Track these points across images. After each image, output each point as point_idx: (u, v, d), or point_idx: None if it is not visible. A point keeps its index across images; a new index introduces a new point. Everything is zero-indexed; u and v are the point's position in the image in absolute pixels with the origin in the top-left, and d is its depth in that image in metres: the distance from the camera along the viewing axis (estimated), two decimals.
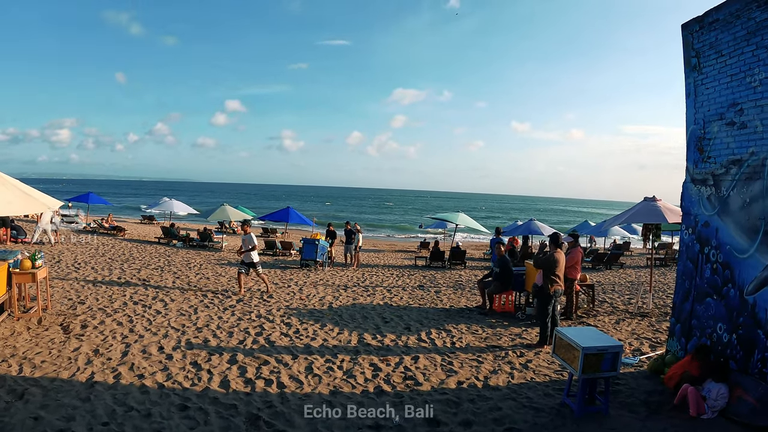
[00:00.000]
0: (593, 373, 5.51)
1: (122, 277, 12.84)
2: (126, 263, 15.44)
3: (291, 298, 11.47)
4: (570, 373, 5.92)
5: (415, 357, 7.48)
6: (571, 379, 5.98)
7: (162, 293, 11.07)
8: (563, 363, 5.90)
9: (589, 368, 5.47)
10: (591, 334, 6.04)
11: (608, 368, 5.55)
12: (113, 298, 10.23)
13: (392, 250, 33.88)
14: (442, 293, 13.50)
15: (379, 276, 16.98)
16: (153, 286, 11.89)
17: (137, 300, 10.23)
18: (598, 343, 5.57)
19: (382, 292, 13.18)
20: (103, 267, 14.18)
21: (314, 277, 15.38)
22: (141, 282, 12.33)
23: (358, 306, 11.07)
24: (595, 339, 5.75)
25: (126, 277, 12.88)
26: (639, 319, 10.67)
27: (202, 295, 11.21)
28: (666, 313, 11.19)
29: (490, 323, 9.97)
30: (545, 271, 8.45)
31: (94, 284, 11.55)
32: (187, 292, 11.42)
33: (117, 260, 15.91)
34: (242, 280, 11.72)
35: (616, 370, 5.60)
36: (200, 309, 9.78)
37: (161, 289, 11.55)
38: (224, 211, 24.51)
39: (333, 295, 12.33)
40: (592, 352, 5.43)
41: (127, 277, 12.89)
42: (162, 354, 7.01)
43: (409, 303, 11.81)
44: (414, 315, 10.39)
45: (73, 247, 18.35)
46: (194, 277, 13.73)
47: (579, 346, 5.46)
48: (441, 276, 17.52)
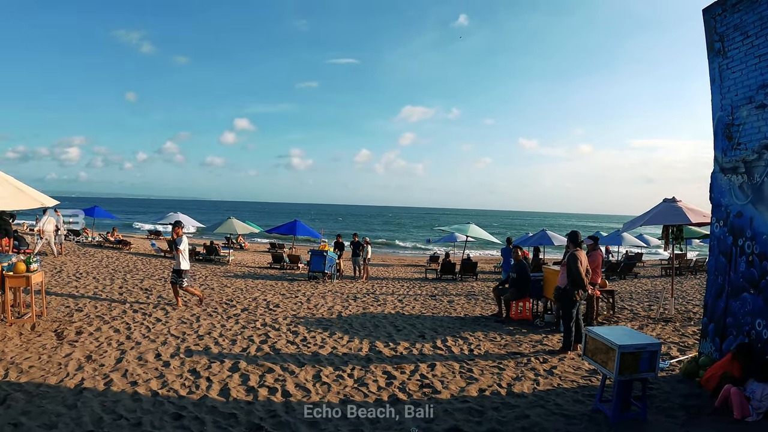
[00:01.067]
0: (630, 374, 4.98)
1: (124, 286, 12.41)
2: (129, 274, 15.03)
3: (298, 308, 10.98)
4: (603, 376, 5.39)
5: (432, 364, 6.96)
6: (604, 382, 5.45)
7: (164, 302, 10.61)
8: (596, 365, 5.37)
9: (626, 369, 4.94)
10: (625, 332, 5.51)
11: (646, 368, 5.02)
12: (112, 306, 9.80)
13: (401, 265, 33.37)
14: (455, 302, 12.98)
15: (390, 287, 16.49)
16: (155, 295, 11.44)
17: (137, 308, 9.78)
18: (635, 341, 5.05)
19: (393, 302, 12.67)
20: (105, 277, 13.76)
21: (322, 289, 14.90)
22: (143, 291, 11.89)
23: (369, 315, 10.57)
24: (631, 337, 5.23)
25: (128, 286, 12.44)
26: (663, 324, 10.11)
27: (206, 304, 10.74)
28: (689, 318, 10.74)
29: (509, 330, 9.45)
30: (568, 273, 7.94)
31: (94, 293, 11.12)
32: (189, 301, 10.96)
33: (120, 271, 15.51)
34: (176, 290, 10.46)
35: (654, 370, 5.06)
36: (203, 317, 9.31)
37: (163, 298, 11.10)
38: (230, 224, 24.11)
39: (342, 304, 11.83)
40: (629, 350, 4.91)
41: (129, 286, 12.45)
42: (159, 361, 6.53)
43: (422, 312, 11.30)
44: (428, 323, 9.87)
45: (77, 259, 17.96)
46: (198, 288, 13.27)
47: (614, 344, 4.94)
48: (453, 287, 17.02)
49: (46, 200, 7.44)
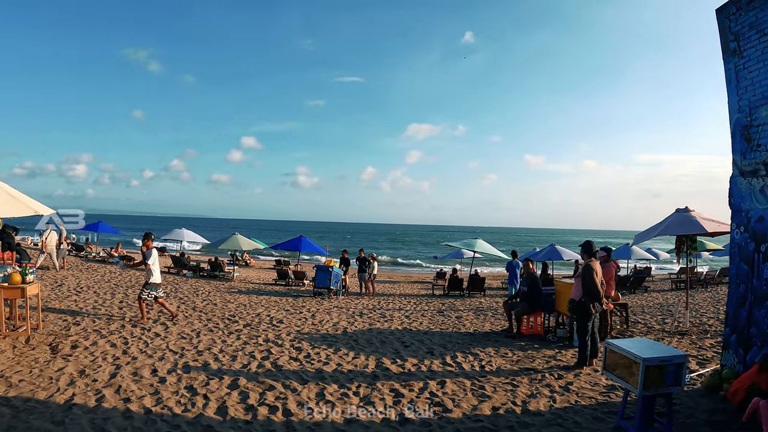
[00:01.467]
0: (656, 388, 4.65)
1: (124, 301, 12.14)
2: (130, 289, 14.75)
3: (303, 324, 10.67)
4: (625, 391, 5.07)
5: (442, 382, 6.62)
6: (626, 398, 5.11)
7: (164, 317, 10.32)
8: (617, 380, 5.04)
9: (651, 383, 4.62)
10: (647, 344, 5.19)
11: (671, 382, 4.71)
12: (111, 320, 9.52)
13: (408, 281, 33.01)
14: (463, 318, 12.64)
15: (396, 303, 16.17)
16: (155, 310, 11.15)
17: (137, 323, 9.50)
18: (660, 354, 4.73)
19: (400, 318, 12.34)
20: (105, 291, 13.50)
21: (328, 305, 14.58)
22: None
23: (375, 331, 10.24)
24: (654, 349, 4.92)
25: (128, 301, 12.17)
26: (678, 337, 9.76)
27: (207, 319, 10.46)
28: (705, 330, 10.48)
29: (520, 346, 9.10)
30: (584, 284, 7.62)
31: (94, 307, 10.86)
32: (191, 316, 10.68)
33: (122, 286, 15.24)
34: (142, 304, 9.91)
35: (680, 384, 4.75)
36: (203, 333, 9.01)
37: (164, 313, 10.81)
38: (235, 240, 23.88)
39: (348, 320, 11.51)
40: (654, 363, 4.59)
41: (130, 301, 12.17)
42: (155, 377, 6.23)
43: (430, 328, 10.96)
44: (436, 339, 9.53)
45: (79, 274, 17.73)
46: (201, 303, 13.00)
47: (638, 357, 4.62)
48: (460, 303, 16.67)
49: (40, 208, 7.22)
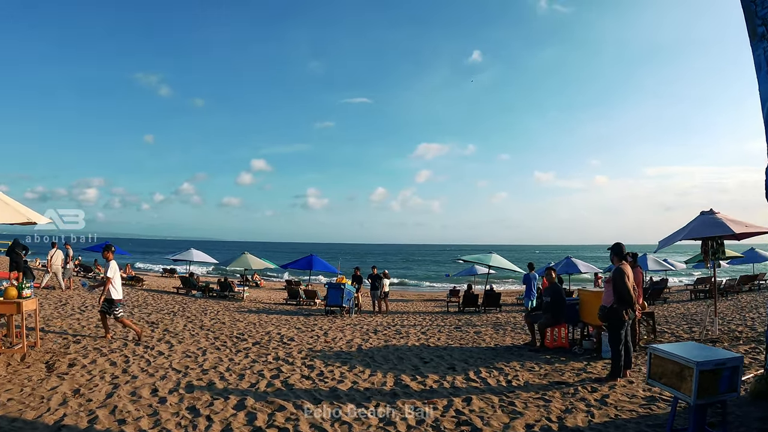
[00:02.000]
0: (710, 396, 4.11)
1: (129, 319, 11.69)
2: (137, 308, 14.34)
3: (315, 342, 10.15)
4: (674, 400, 4.52)
5: (467, 398, 6.08)
6: (675, 408, 4.56)
7: (169, 335, 9.87)
8: (666, 388, 4.48)
9: (705, 390, 4.08)
10: (696, 348, 4.66)
11: (726, 389, 4.17)
12: (114, 339, 9.07)
13: (420, 300, 32.48)
14: (482, 333, 12.07)
15: (411, 320, 15.64)
16: (161, 328, 10.71)
17: (140, 341, 9.05)
18: (713, 357, 4.20)
19: (416, 334, 11.79)
20: None
21: (340, 323, 14.06)
22: (149, 324, 11.16)
23: (392, 347, 9.70)
24: (705, 353, 4.38)
25: (133, 319, 11.72)
26: (710, 344, 9.14)
27: (214, 337, 9.98)
28: (736, 337, 9.93)
29: (546, 359, 8.54)
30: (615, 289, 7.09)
31: (97, 326, 10.40)
32: (198, 335, 10.20)
33: (128, 305, 14.80)
34: (106, 320, 9.27)
35: (736, 390, 4.20)
36: (210, 351, 8.53)
37: (169, 332, 10.35)
38: (245, 259, 23.46)
39: (362, 337, 10.98)
40: (709, 368, 4.06)
41: (135, 319, 11.72)
42: (154, 397, 5.74)
43: (449, 343, 10.40)
44: (456, 354, 8.97)
45: (85, 293, 17.34)
46: (209, 321, 12.53)
47: (691, 362, 4.08)
48: (477, 319, 16.10)
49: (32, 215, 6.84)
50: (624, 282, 7.06)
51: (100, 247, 27.84)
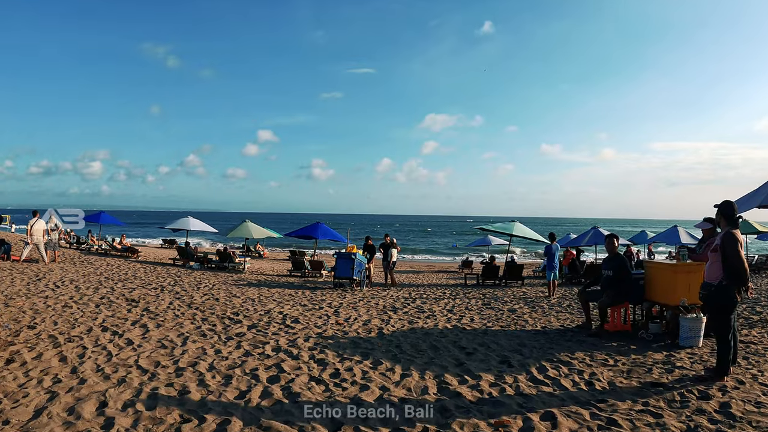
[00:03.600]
0: None
1: (107, 296, 9.96)
2: (122, 282, 12.60)
3: (324, 324, 8.35)
4: None
5: (548, 414, 4.26)
6: None
7: (148, 317, 8.12)
8: None
9: None
10: None
11: None
12: (78, 322, 7.34)
13: (431, 271, 30.94)
14: (518, 311, 10.29)
15: (429, 294, 13.90)
16: (140, 308, 8.96)
17: (110, 325, 7.29)
18: None
19: (443, 312, 10.01)
20: (89, 286, 11.31)
21: (351, 298, 12.30)
22: (128, 303, 9.42)
23: (420, 331, 7.91)
24: None
25: (112, 296, 9.99)
26: None
27: (202, 319, 8.21)
28: None
29: (614, 347, 6.80)
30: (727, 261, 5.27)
31: (66, 305, 8.69)
32: (183, 315, 8.45)
33: (113, 279, 13.10)
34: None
35: None
36: (193, 338, 6.74)
37: (150, 312, 8.60)
38: (246, 227, 21.67)
39: (380, 317, 9.20)
40: None
41: (114, 296, 10.00)
42: (100, 417, 3.94)
43: (486, 325, 8.61)
44: (503, 341, 7.16)
45: (70, 267, 15.63)
46: (200, 297, 10.76)
47: None
48: (502, 293, 14.32)
49: None
50: (738, 252, 5.23)
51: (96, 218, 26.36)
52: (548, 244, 14.75)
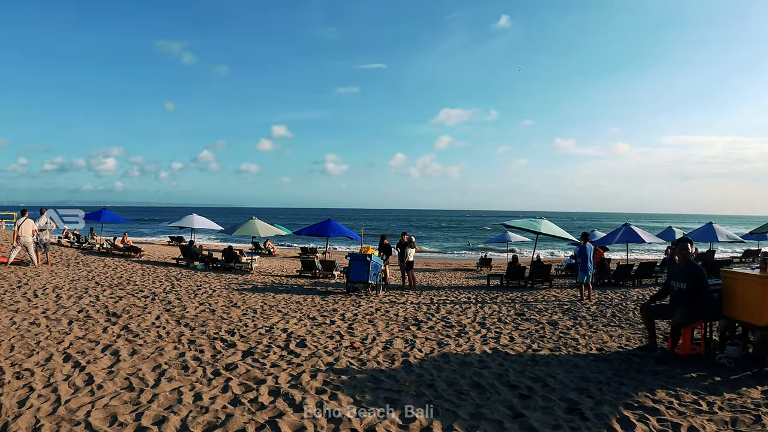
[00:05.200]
0: None
1: (86, 309, 8.65)
2: (111, 289, 11.30)
3: (336, 346, 6.91)
4: None
5: None
6: None
7: (126, 338, 6.78)
8: None
9: None
10: None
11: None
12: (39, 347, 6.04)
13: (448, 269, 29.50)
14: (560, 325, 8.83)
15: (451, 297, 12.50)
16: (121, 324, 7.63)
17: (75, 351, 5.96)
18: None
19: (474, 327, 8.57)
20: (71, 296, 10.02)
21: (367, 306, 10.90)
22: (107, 318, 8.09)
23: (453, 358, 6.43)
24: None
25: (93, 309, 8.68)
26: None
27: (189, 341, 6.84)
28: None
29: (699, 381, 5.38)
30: None
31: (34, 322, 7.40)
32: (167, 336, 7.10)
33: (102, 285, 11.81)
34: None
35: None
36: (170, 374, 5.35)
37: (129, 331, 7.26)
38: (252, 225, 20.30)
39: (403, 336, 7.75)
40: None
41: (95, 309, 8.68)
42: None
43: (531, 347, 7.11)
44: (560, 375, 5.66)
45: (62, 270, 14.41)
46: (193, 309, 9.41)
47: None
48: (532, 298, 12.87)
49: None
50: None
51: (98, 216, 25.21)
52: (582, 244, 13.27)
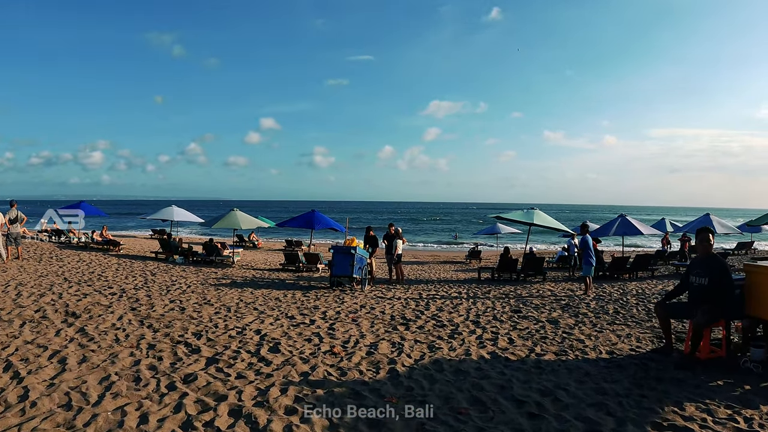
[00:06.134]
0: None
1: (44, 308, 7.84)
2: (78, 285, 10.50)
3: (314, 351, 6.15)
4: None
5: None
6: None
7: (78, 342, 6.00)
8: None
9: None
10: None
11: None
12: None
13: (436, 261, 28.91)
14: (560, 324, 8.15)
15: (441, 292, 11.82)
16: (78, 326, 6.84)
17: (18, 359, 5.18)
18: None
19: (468, 327, 7.85)
20: (33, 293, 9.21)
21: (351, 303, 10.18)
22: (65, 318, 7.30)
23: (446, 364, 5.68)
24: None
25: (52, 308, 7.87)
26: None
27: (149, 345, 6.06)
28: None
29: (728, 390, 4.74)
30: None
31: None
32: (126, 339, 6.33)
33: (70, 281, 11.01)
34: None
35: None
36: (118, 386, 4.56)
37: (85, 334, 6.48)
38: (234, 217, 19.47)
39: (389, 337, 7.01)
40: None
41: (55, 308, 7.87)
42: None
43: (534, 350, 6.39)
44: (572, 386, 4.91)
45: (32, 265, 13.57)
46: (162, 308, 8.63)
47: None
48: (527, 293, 12.21)
49: None
50: None
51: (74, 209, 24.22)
52: (583, 237, 12.63)
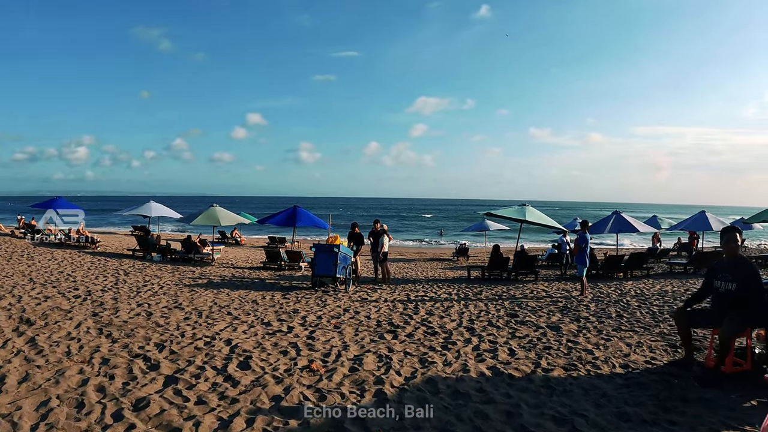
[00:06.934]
0: None
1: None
2: (42, 287, 9.71)
3: (289, 367, 5.40)
4: None
5: None
6: None
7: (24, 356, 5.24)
8: None
9: None
10: None
11: None
12: None
13: (423, 258, 28.34)
14: (564, 330, 7.51)
15: (433, 296, 11.11)
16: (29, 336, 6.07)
17: None
18: None
19: (463, 335, 7.15)
20: None
21: (333, 306, 9.49)
22: (16, 326, 6.52)
23: (442, 384, 4.96)
24: None
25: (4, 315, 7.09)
26: None
27: (103, 360, 5.31)
28: None
29: (754, 411, 4.05)
30: None
31: None
32: (80, 351, 5.58)
33: (35, 283, 10.21)
34: None
35: None
36: (55, 414, 3.85)
37: (35, 345, 5.71)
38: (213, 213, 18.63)
39: (376, 349, 6.29)
40: None
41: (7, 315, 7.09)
42: None
43: (539, 364, 5.70)
44: (591, 412, 4.21)
45: None
46: (127, 312, 7.87)
47: None
48: (520, 294, 11.62)
49: None
50: None
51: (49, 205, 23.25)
52: (582, 234, 11.98)
